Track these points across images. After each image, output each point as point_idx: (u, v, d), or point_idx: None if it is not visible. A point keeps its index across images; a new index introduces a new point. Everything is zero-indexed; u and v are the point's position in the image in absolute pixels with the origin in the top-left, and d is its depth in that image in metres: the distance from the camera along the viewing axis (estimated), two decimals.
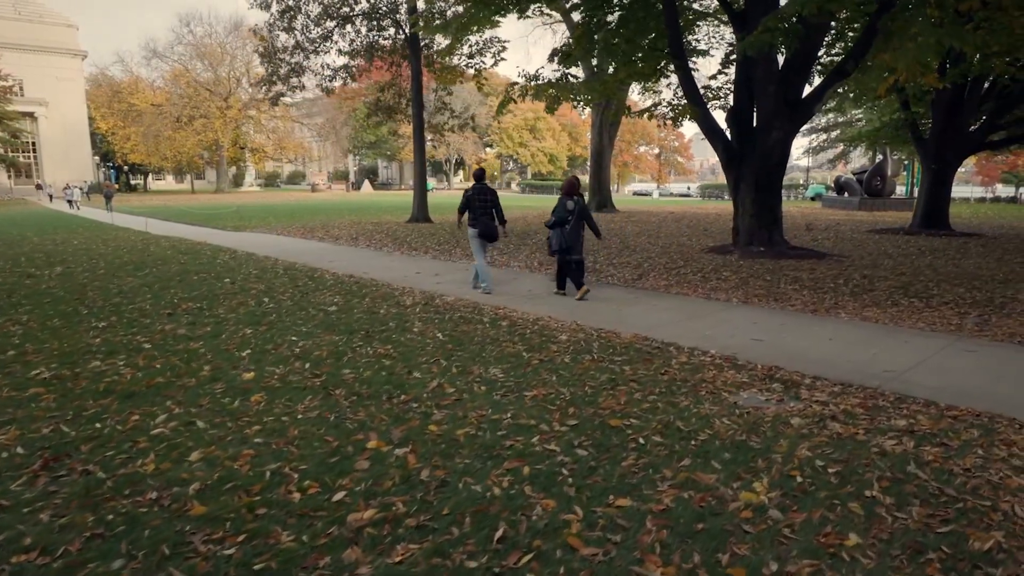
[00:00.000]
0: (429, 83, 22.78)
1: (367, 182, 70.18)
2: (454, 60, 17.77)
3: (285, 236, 16.04)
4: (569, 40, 13.25)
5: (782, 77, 10.39)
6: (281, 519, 2.65)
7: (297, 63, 23.02)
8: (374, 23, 21.70)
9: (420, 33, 15.82)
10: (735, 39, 11.55)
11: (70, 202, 32.03)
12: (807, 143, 37.90)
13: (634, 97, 39.02)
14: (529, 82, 11.55)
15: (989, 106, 16.03)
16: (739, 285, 8.39)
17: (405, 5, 20.16)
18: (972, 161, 46.71)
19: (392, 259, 11.65)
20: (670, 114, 11.60)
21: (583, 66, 18.28)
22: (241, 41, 53.87)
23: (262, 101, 36.00)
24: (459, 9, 13.08)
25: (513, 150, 69.18)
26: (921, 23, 6.77)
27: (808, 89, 11.03)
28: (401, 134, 54.14)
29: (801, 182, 56.01)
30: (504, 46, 19.19)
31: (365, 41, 22.12)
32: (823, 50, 14.55)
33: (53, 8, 55.32)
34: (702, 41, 17.37)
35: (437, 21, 13.21)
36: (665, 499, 2.77)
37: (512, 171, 77.69)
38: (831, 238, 15.19)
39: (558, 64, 11.52)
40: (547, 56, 12.53)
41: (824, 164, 44.41)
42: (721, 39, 18.01)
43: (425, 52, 20.52)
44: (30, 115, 51.80)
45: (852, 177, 30.44)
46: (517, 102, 11.84)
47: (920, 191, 18.30)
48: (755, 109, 10.87)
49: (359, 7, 21.46)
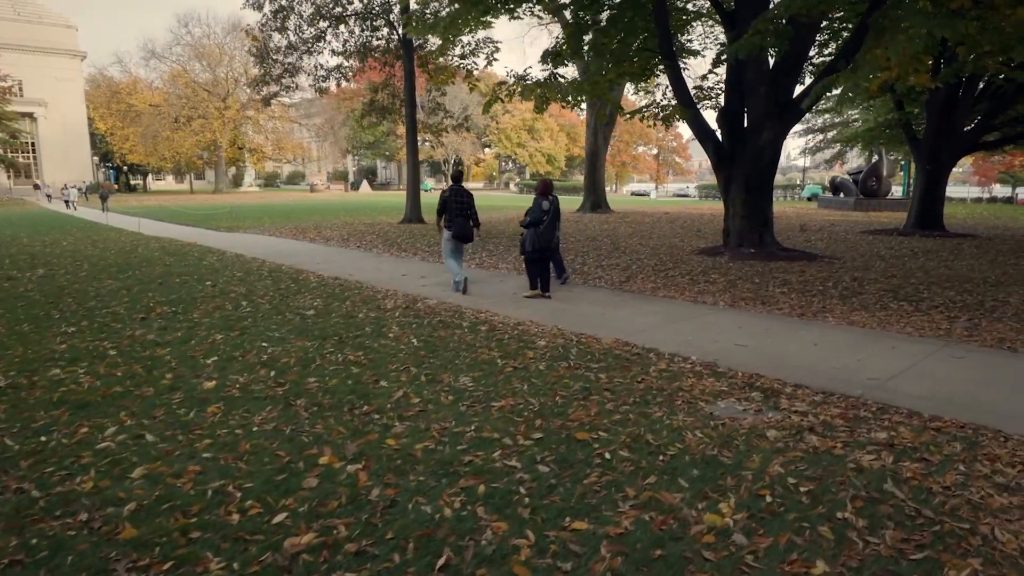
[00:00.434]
0: (424, 83, 22.64)
1: (365, 182, 70.00)
2: (446, 60, 17.61)
3: (277, 237, 15.88)
4: (559, 40, 13.09)
5: (773, 78, 10.24)
6: (214, 544, 2.50)
7: (290, 63, 22.89)
8: (367, 23, 21.56)
9: (410, 33, 15.69)
10: (726, 39, 11.41)
11: (67, 202, 31.84)
12: (804, 143, 37.69)
13: (632, 98, 38.83)
14: (518, 82, 11.40)
15: (983, 106, 15.84)
16: (727, 288, 8.24)
17: (398, 6, 20.01)
18: (969, 161, 46.60)
19: (380, 261, 11.51)
20: (661, 115, 11.44)
21: (577, 66, 18.12)
22: (239, 42, 53.65)
23: (258, 101, 35.87)
24: (452, 9, 12.92)
25: (511, 150, 68.99)
26: (913, 17, 6.62)
27: (799, 89, 10.87)
28: (399, 134, 53.88)
29: (798, 182, 55.85)
30: (497, 47, 19.03)
31: (359, 41, 21.99)
32: (815, 50, 14.40)
33: (52, 9, 55.22)
34: (696, 41, 17.21)
35: (428, 19, 13.04)
36: (624, 521, 2.61)
37: (511, 171, 77.52)
38: (824, 239, 15.02)
39: (546, 64, 11.38)
40: (540, 56, 12.38)
41: (821, 164, 44.28)
42: (715, 40, 17.85)
43: (419, 53, 20.36)
44: (29, 115, 51.61)
45: (848, 177, 30.28)
46: (504, 102, 11.68)
47: (914, 192, 18.13)
48: (745, 110, 10.72)
49: (352, 7, 21.33)
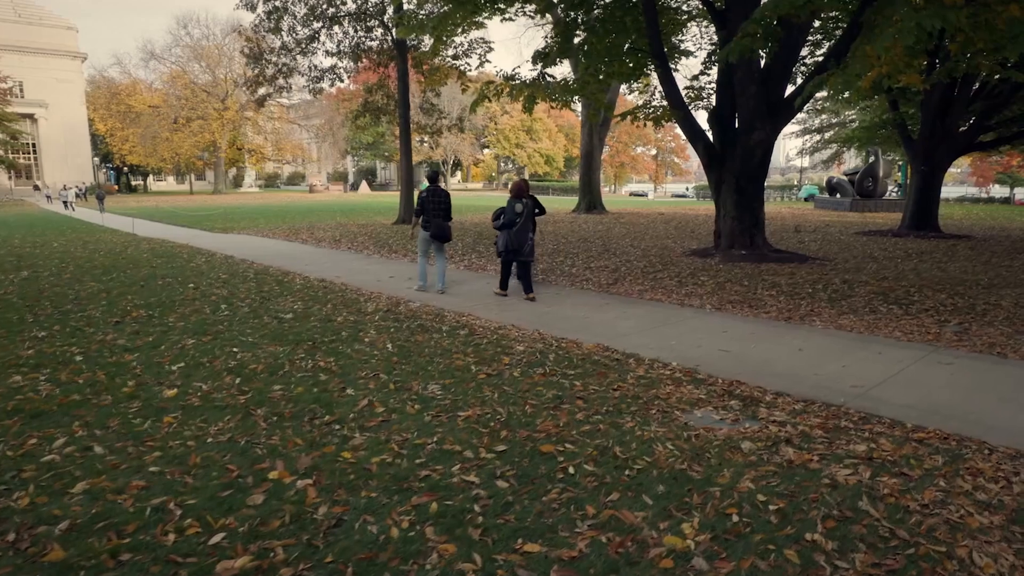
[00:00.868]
0: (420, 85, 22.51)
1: (364, 183, 69.88)
2: (439, 61, 17.49)
3: (269, 238, 15.78)
4: (549, 39, 12.96)
5: (763, 77, 10.09)
6: (144, 567, 2.35)
7: (284, 64, 22.77)
8: (361, 24, 21.44)
9: (401, 34, 15.58)
10: (718, 39, 11.26)
11: (65, 203, 31.79)
12: (801, 144, 37.51)
13: (629, 97, 38.65)
14: (506, 82, 11.25)
15: (978, 107, 15.67)
16: (715, 290, 8.09)
17: (392, 6, 19.88)
18: (967, 162, 46.42)
19: (370, 262, 11.39)
20: (652, 115, 11.29)
21: (571, 66, 17.98)
22: (238, 43, 53.53)
23: (252, 102, 35.73)
24: (442, 9, 12.81)
25: (510, 151, 68.89)
26: (902, 11, 6.47)
27: (791, 89, 10.72)
28: (397, 135, 53.71)
29: (795, 183, 55.67)
30: (491, 47, 18.94)
31: (352, 42, 21.87)
32: (809, 50, 14.26)
33: (53, 11, 55.15)
34: (690, 42, 17.09)
35: (421, 18, 12.92)
36: (580, 543, 2.46)
37: (510, 172, 77.37)
38: (818, 240, 14.86)
39: (535, 63, 11.23)
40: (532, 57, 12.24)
41: (818, 165, 44.14)
42: (710, 40, 17.69)
43: (412, 54, 20.24)
44: (30, 117, 51.56)
45: (844, 178, 30.10)
46: (491, 101, 11.54)
47: (909, 192, 17.95)
48: (736, 110, 10.56)
49: (346, 8, 21.22)
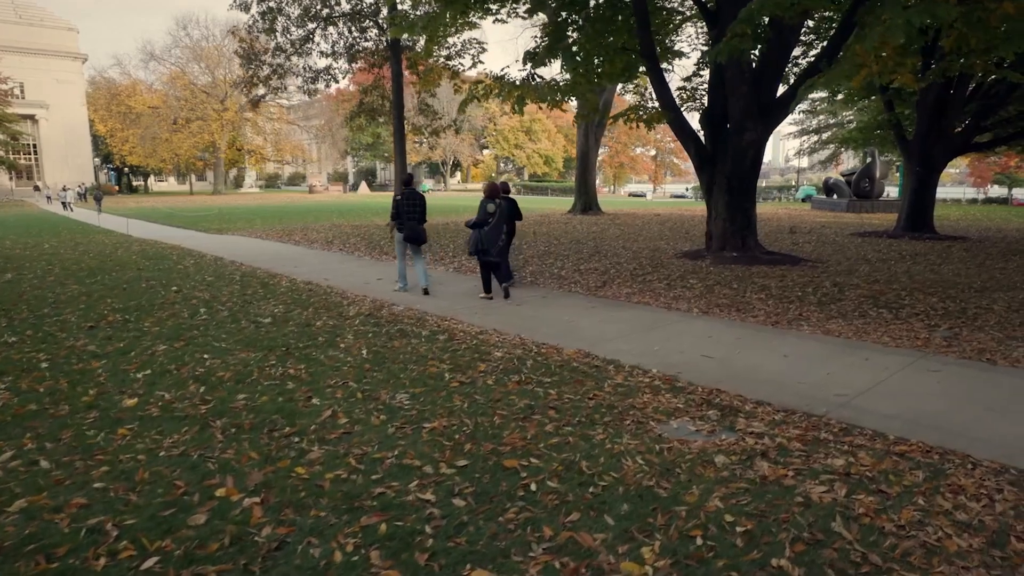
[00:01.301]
0: (414, 86, 22.42)
1: (364, 183, 69.77)
2: (432, 61, 17.37)
3: (263, 239, 15.71)
4: (538, 39, 12.84)
5: (755, 78, 9.95)
6: None
7: (278, 65, 22.68)
8: (356, 25, 21.36)
9: (394, 34, 15.50)
10: (709, 38, 11.12)
11: (64, 204, 31.76)
12: (799, 144, 37.33)
13: (627, 97, 38.46)
14: (495, 82, 11.13)
15: (974, 107, 15.51)
16: (703, 294, 7.94)
17: (386, 7, 19.79)
18: (965, 162, 46.24)
19: (359, 264, 11.28)
20: (642, 116, 11.15)
21: (562, 66, 17.86)
22: (235, 44, 53.51)
23: (248, 103, 35.62)
24: (432, 9, 12.69)
25: (509, 151, 68.77)
26: (891, 8, 6.34)
27: (783, 89, 10.57)
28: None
29: (793, 183, 55.52)
30: (483, 48, 18.84)
31: (347, 43, 21.79)
32: (802, 50, 14.10)
33: (54, 12, 55.12)
34: (685, 43, 16.97)
35: (412, 19, 12.80)
36: (532, 569, 2.32)
37: (509, 172, 77.25)
38: (812, 241, 14.70)
39: (525, 64, 11.10)
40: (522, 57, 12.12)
41: (816, 165, 43.99)
42: (705, 41, 17.55)
43: (406, 54, 20.14)
44: (31, 118, 51.53)
45: (841, 179, 29.93)
46: (480, 101, 11.42)
47: (904, 193, 17.79)
48: (728, 111, 10.42)
49: (340, 9, 21.13)
